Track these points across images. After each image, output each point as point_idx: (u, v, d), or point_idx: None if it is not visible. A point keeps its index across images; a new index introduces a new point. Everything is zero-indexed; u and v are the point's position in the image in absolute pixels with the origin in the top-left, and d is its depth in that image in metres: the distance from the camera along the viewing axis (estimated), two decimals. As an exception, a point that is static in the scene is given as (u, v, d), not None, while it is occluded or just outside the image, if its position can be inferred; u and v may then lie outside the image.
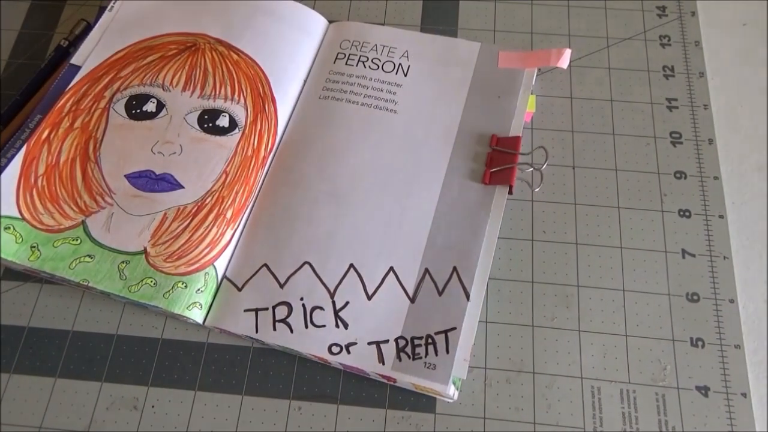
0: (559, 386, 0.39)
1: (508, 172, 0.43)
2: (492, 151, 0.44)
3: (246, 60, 0.47)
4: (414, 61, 0.48)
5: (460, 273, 0.40)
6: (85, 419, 0.39)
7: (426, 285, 0.40)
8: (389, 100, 0.47)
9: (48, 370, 0.40)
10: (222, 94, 0.46)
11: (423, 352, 0.38)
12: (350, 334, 0.39)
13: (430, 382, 0.37)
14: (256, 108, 0.46)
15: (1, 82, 0.50)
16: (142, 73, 0.47)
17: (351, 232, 0.42)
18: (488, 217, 0.42)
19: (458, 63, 0.48)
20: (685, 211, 0.44)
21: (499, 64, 0.48)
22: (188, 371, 0.40)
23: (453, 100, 0.46)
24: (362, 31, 0.50)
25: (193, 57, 0.47)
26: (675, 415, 0.38)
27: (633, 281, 0.42)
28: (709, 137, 0.47)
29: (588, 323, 0.41)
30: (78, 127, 0.45)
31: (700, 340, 0.40)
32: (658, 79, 0.49)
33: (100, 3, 0.53)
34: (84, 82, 0.46)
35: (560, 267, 0.43)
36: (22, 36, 0.52)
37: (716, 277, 0.42)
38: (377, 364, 0.38)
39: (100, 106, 0.45)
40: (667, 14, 0.52)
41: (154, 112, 0.45)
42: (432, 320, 0.39)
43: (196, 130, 0.45)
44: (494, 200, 0.42)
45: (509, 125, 0.45)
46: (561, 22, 0.52)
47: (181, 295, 0.39)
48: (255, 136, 0.45)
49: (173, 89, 0.46)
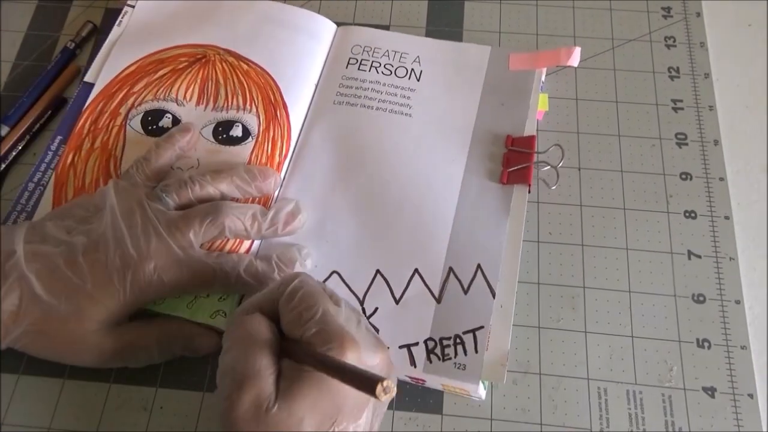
0: (566, 387, 0.39)
1: (525, 171, 0.43)
2: (508, 152, 0.44)
3: (256, 69, 0.47)
4: (426, 65, 0.48)
5: (484, 270, 0.40)
6: (94, 420, 0.39)
7: (451, 284, 0.40)
8: (404, 105, 0.47)
9: (57, 371, 0.40)
10: (234, 104, 0.46)
11: (452, 353, 0.38)
12: (382, 339, 0.39)
13: (460, 383, 0.37)
14: (268, 115, 0.46)
15: (8, 84, 0.50)
16: (154, 88, 0.47)
17: (374, 238, 0.42)
18: (508, 215, 0.42)
19: (469, 67, 0.48)
20: (691, 212, 0.44)
21: (510, 66, 0.48)
22: (197, 372, 0.40)
23: (466, 102, 0.47)
24: (372, 37, 0.50)
25: (204, 69, 0.47)
26: (682, 416, 0.38)
27: (639, 282, 0.42)
28: (714, 138, 0.47)
29: (594, 324, 0.41)
30: (98, 147, 0.45)
31: (707, 341, 0.40)
32: (664, 80, 0.49)
33: (106, 5, 0.53)
34: (99, 99, 0.47)
35: (566, 268, 0.43)
36: (28, 37, 0.52)
37: (722, 279, 0.42)
38: (409, 367, 0.38)
39: (117, 123, 0.46)
40: (672, 15, 0.52)
41: (169, 127, 0.45)
42: (459, 320, 0.39)
43: (211, 143, 0.45)
44: (513, 199, 0.42)
45: (523, 125, 0.45)
46: (566, 23, 0.52)
47: (204, 304, 0.40)
48: (268, 143, 0.45)
49: (187, 103, 0.46)
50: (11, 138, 0.47)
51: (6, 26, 0.53)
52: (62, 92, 0.50)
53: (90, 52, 0.51)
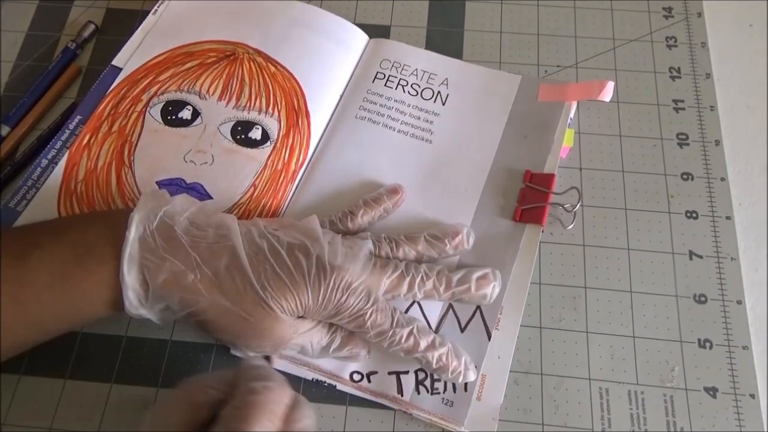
0: (567, 387, 0.39)
1: (540, 211, 0.42)
2: (525, 188, 0.43)
3: (283, 72, 0.47)
4: (453, 90, 0.48)
5: (483, 312, 0.40)
6: (95, 420, 0.39)
7: (449, 320, 0.40)
8: (426, 129, 0.46)
9: (58, 371, 0.40)
10: (257, 106, 0.46)
11: (441, 388, 0.38)
12: (372, 362, 0.39)
13: (444, 422, 0.37)
14: (289, 121, 0.46)
15: (9, 84, 0.50)
16: (180, 79, 0.47)
17: None
18: (516, 254, 0.41)
19: (497, 95, 0.47)
20: (693, 212, 0.44)
21: (539, 97, 0.47)
22: (197, 372, 0.40)
23: (489, 132, 0.46)
24: (404, 53, 0.49)
25: (231, 66, 0.47)
26: (683, 416, 0.38)
27: (640, 283, 0.42)
28: (715, 138, 0.47)
29: (596, 325, 0.41)
30: (115, 131, 0.45)
31: (708, 342, 0.40)
32: (665, 80, 0.49)
33: (107, 5, 0.53)
34: (124, 84, 0.47)
35: (568, 268, 0.43)
36: (29, 37, 0.52)
37: (724, 279, 0.42)
38: (396, 395, 0.38)
39: (137, 109, 0.46)
40: (674, 15, 0.52)
41: (189, 119, 0.45)
42: None
43: (229, 141, 0.45)
44: (524, 238, 0.42)
45: (544, 161, 0.44)
46: (567, 24, 0.52)
47: None
48: (286, 150, 0.45)
49: (209, 98, 0.46)
50: (12, 138, 0.47)
51: (7, 26, 0.53)
52: (63, 93, 0.49)
53: (91, 52, 0.51)
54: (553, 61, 0.50)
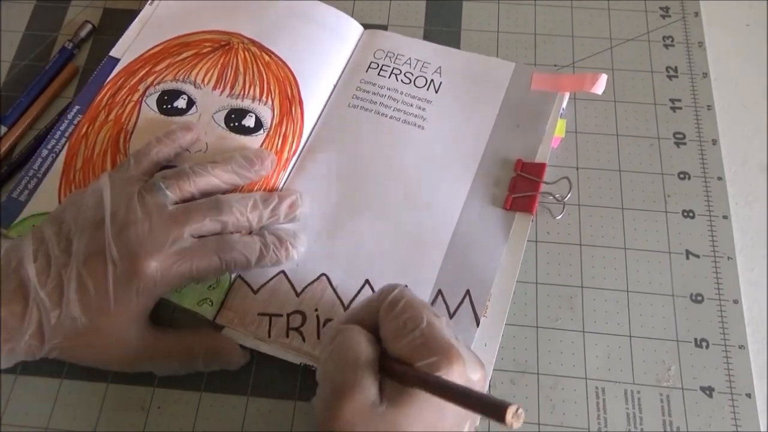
0: (564, 387, 0.39)
1: (531, 199, 0.42)
2: (516, 176, 0.44)
3: (277, 62, 0.48)
4: (446, 77, 0.48)
5: (472, 297, 0.40)
6: (92, 420, 0.39)
7: (438, 307, 0.40)
8: (418, 116, 0.46)
9: (54, 370, 0.40)
10: (250, 94, 0.46)
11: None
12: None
13: None
14: (282, 110, 0.46)
15: (6, 84, 0.50)
16: (175, 69, 0.47)
17: (369, 247, 0.42)
18: (506, 242, 0.41)
19: (490, 82, 0.47)
20: (689, 211, 0.44)
21: (532, 86, 0.47)
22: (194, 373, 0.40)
23: (482, 120, 0.46)
24: (397, 43, 0.50)
25: (226, 56, 0.48)
26: (680, 416, 0.38)
27: (637, 282, 0.42)
28: (712, 138, 0.47)
29: (592, 324, 0.41)
30: (112, 120, 0.46)
31: (705, 341, 0.40)
32: (662, 79, 0.49)
33: (104, 5, 0.53)
34: (121, 75, 0.47)
35: (564, 268, 0.43)
36: (26, 37, 0.52)
37: (720, 278, 0.42)
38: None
39: (133, 99, 0.46)
40: (671, 15, 0.52)
41: (184, 108, 0.45)
42: None
43: (223, 129, 0.45)
44: (514, 226, 0.42)
45: (536, 150, 0.44)
46: (564, 23, 0.52)
47: (192, 291, 0.40)
48: (279, 138, 0.45)
49: (204, 87, 0.46)
50: (9, 138, 0.47)
51: (4, 26, 0.53)
52: (60, 93, 0.50)
53: (88, 52, 0.52)
54: (550, 60, 0.50)
